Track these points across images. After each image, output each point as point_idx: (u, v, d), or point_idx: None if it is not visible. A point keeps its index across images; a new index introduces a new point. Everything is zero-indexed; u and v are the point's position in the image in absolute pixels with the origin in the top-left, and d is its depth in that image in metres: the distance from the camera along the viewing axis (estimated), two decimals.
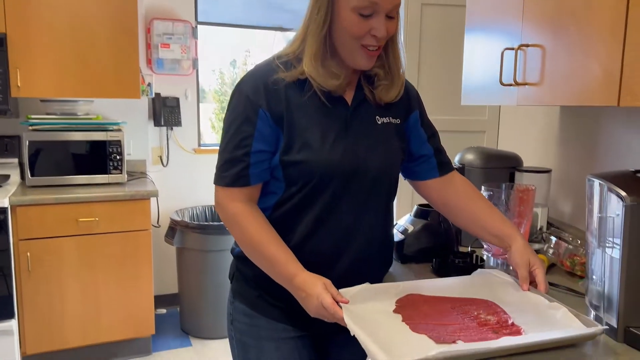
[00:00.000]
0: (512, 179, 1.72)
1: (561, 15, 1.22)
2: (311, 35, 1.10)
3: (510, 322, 1.04)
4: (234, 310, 1.25)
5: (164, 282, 3.50)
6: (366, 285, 1.16)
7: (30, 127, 2.74)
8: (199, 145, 3.52)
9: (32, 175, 2.72)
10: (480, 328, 1.02)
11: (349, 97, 1.17)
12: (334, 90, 1.12)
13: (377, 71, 1.17)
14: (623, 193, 1.00)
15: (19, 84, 2.64)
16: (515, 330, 1.01)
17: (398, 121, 1.23)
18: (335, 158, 1.11)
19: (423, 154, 1.29)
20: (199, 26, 3.42)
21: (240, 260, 1.23)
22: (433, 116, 2.41)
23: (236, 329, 1.25)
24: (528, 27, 1.36)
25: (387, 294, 1.17)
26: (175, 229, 3.05)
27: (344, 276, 1.16)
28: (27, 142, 2.69)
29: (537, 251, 1.60)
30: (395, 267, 1.49)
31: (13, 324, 2.51)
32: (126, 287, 2.75)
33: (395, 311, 1.10)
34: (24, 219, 2.51)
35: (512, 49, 1.37)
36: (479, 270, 1.33)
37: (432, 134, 1.31)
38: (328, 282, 1.06)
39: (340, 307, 1.04)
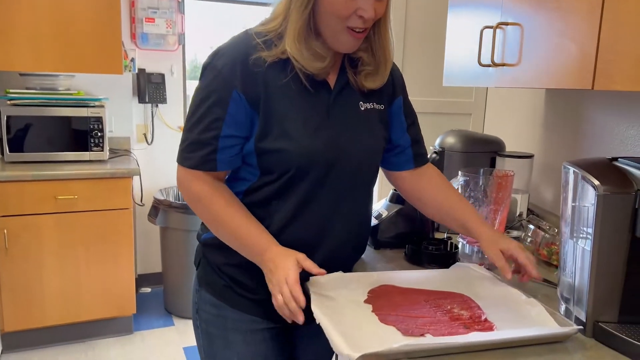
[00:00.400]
0: (493, 164, 1.67)
1: None
2: (294, 12, 1.01)
3: (483, 317, 1.01)
4: (199, 299, 1.20)
5: (149, 261, 3.47)
6: (338, 274, 1.13)
7: (8, 102, 2.67)
8: None
9: (10, 151, 2.66)
10: (451, 322, 0.98)
11: (331, 80, 1.10)
12: (317, 74, 1.05)
13: (362, 55, 1.09)
14: (596, 182, 0.95)
15: None
16: (488, 327, 0.98)
17: (382, 107, 1.17)
18: (315, 148, 1.05)
19: (400, 144, 1.24)
20: (187, 1, 3.32)
21: (208, 247, 1.18)
22: (418, 98, 2.36)
23: (202, 319, 1.20)
24: (508, 3, 1.29)
25: (360, 283, 1.14)
26: (158, 208, 3.01)
27: (319, 265, 1.11)
28: (5, 117, 2.62)
29: (516, 239, 1.56)
30: (368, 252, 1.45)
31: None
32: (107, 266, 2.72)
33: (366, 301, 1.07)
34: (1, 196, 2.46)
35: (491, 27, 1.30)
36: (457, 263, 1.30)
37: (413, 122, 1.25)
38: (302, 256, 1.02)
39: (309, 296, 1.00)
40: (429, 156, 1.70)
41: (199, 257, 1.23)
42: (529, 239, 1.46)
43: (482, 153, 1.66)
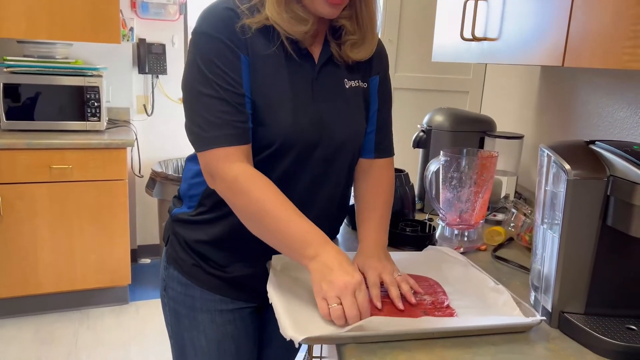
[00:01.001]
0: (482, 144, 1.61)
1: None
2: None
3: (445, 304, 0.97)
4: (167, 277, 1.18)
5: (149, 232, 3.48)
6: None
7: (5, 69, 2.66)
8: None
9: (6, 119, 2.66)
10: (411, 307, 0.95)
11: (315, 53, 1.04)
12: (301, 40, 1.00)
13: (344, 23, 1.02)
14: (567, 166, 0.89)
15: None
16: (448, 313, 0.94)
17: (365, 85, 1.11)
18: (300, 127, 1.00)
19: (367, 128, 1.15)
20: None
21: (179, 223, 1.14)
22: (414, 74, 2.29)
23: (169, 297, 1.18)
24: None
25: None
26: (155, 181, 3.00)
27: None
28: (2, 84, 2.61)
29: (499, 223, 1.51)
30: (345, 232, 1.41)
31: None
32: (101, 236, 2.73)
33: None
34: None
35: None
36: (430, 247, 1.26)
37: (384, 107, 1.17)
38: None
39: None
40: (415, 136, 1.65)
41: (167, 234, 1.20)
42: (511, 224, 1.40)
43: (471, 132, 1.59)
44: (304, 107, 1.01)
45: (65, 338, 2.58)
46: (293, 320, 0.85)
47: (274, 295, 0.94)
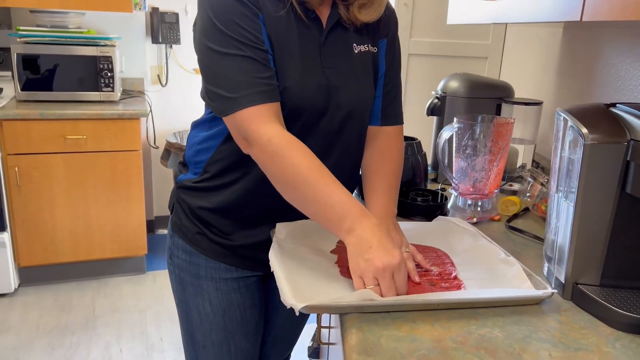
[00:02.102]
0: (499, 111, 1.55)
1: None
2: None
3: (453, 275, 0.94)
4: (172, 245, 1.17)
5: (165, 203, 3.50)
6: (307, 221, 1.07)
7: (19, 39, 2.65)
8: None
9: (22, 89, 2.66)
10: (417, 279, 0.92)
11: (324, 16, 1.00)
12: (310, 1, 0.96)
13: None
14: (584, 130, 0.84)
15: None
16: (455, 285, 0.91)
17: (375, 50, 1.07)
18: (306, 93, 0.96)
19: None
20: None
21: (184, 190, 1.12)
22: (430, 39, 2.21)
23: (175, 265, 1.17)
24: None
25: (329, 232, 1.07)
26: (170, 151, 3.00)
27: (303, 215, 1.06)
28: (16, 54, 2.61)
29: (514, 192, 1.46)
30: None
31: (5, 236, 2.55)
32: (117, 207, 2.75)
33: (333, 251, 1.02)
34: (11, 134, 2.48)
35: None
36: (440, 217, 1.22)
37: (390, 71, 1.11)
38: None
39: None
40: (429, 103, 1.60)
41: (172, 202, 1.19)
42: (527, 193, 1.35)
43: (487, 99, 1.53)
44: (311, 73, 0.97)
45: (83, 305, 2.63)
46: (294, 288, 0.83)
47: (276, 263, 0.92)
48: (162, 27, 3.15)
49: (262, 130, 0.89)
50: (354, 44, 1.03)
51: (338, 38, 1.01)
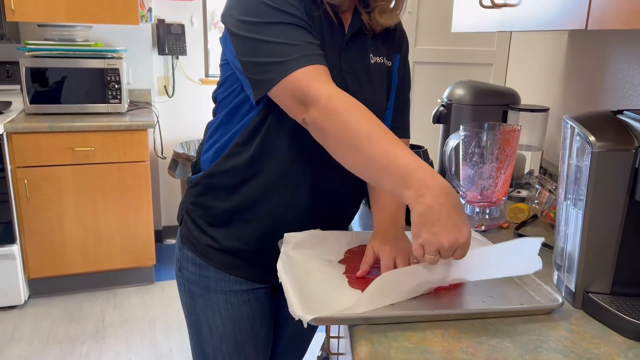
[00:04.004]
0: (506, 118, 1.55)
1: None
2: None
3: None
4: (182, 258, 1.17)
5: (173, 213, 3.52)
6: (315, 231, 1.07)
7: (27, 53, 2.68)
8: (206, 75, 3.40)
9: (30, 102, 2.69)
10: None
11: (346, 23, 1.03)
12: (340, 3, 0.99)
13: None
14: (591, 137, 0.84)
15: (12, 8, 2.57)
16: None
17: (390, 64, 1.10)
18: None
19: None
20: None
21: (196, 190, 1.11)
22: (435, 47, 2.21)
23: (184, 278, 1.17)
24: None
25: (338, 242, 1.08)
26: (177, 162, 3.01)
27: (318, 221, 1.07)
28: (24, 68, 2.64)
29: (523, 199, 1.45)
30: (362, 210, 1.38)
31: (15, 248, 2.57)
32: (125, 217, 2.76)
33: (341, 261, 1.01)
34: (20, 147, 2.50)
35: None
36: None
37: (402, 86, 1.14)
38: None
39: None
40: (435, 111, 1.60)
41: (181, 214, 1.19)
42: (535, 200, 1.35)
43: (493, 106, 1.53)
44: (331, 74, 0.98)
45: (92, 316, 2.64)
46: (302, 299, 0.83)
47: (284, 275, 0.92)
48: (168, 39, 3.17)
49: (322, 88, 0.85)
50: (371, 54, 1.06)
51: (357, 45, 1.04)
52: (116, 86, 2.76)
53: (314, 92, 0.85)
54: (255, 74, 0.91)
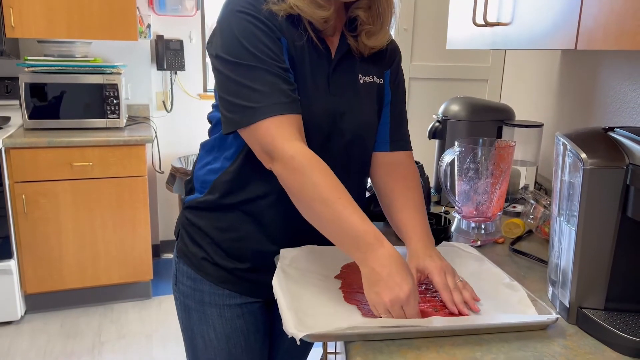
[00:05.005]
0: (500, 133, 1.56)
1: None
2: None
3: None
4: (177, 272, 1.18)
5: (171, 228, 3.51)
6: (312, 246, 1.08)
7: (27, 69, 2.70)
8: (205, 90, 3.43)
9: (29, 117, 2.70)
10: (422, 304, 0.92)
11: (333, 47, 1.04)
12: (324, 29, 0.99)
13: (359, 14, 1.01)
14: (583, 154, 0.85)
15: (12, 24, 2.59)
16: (458, 309, 0.91)
17: (381, 81, 1.10)
18: (315, 120, 0.99)
19: (380, 119, 1.14)
20: None
21: (192, 210, 1.13)
22: (430, 63, 2.23)
23: (180, 291, 1.18)
24: None
25: (334, 257, 1.08)
26: (175, 176, 3.02)
27: (313, 236, 1.06)
28: (24, 84, 2.66)
29: (518, 214, 1.46)
30: None
31: (12, 263, 2.57)
32: (123, 232, 2.76)
33: (337, 277, 1.02)
34: (18, 162, 2.51)
35: None
36: (444, 242, 1.22)
37: (397, 100, 1.14)
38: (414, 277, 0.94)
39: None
40: (430, 127, 1.61)
41: (178, 229, 1.20)
42: (530, 216, 1.36)
43: (488, 122, 1.54)
44: (319, 99, 1.01)
45: (89, 331, 2.63)
46: (296, 316, 0.84)
47: (279, 290, 0.92)
48: (167, 54, 3.20)
49: (286, 146, 0.89)
50: (360, 74, 1.06)
51: (345, 68, 1.04)
52: (115, 101, 2.78)
53: (277, 149, 0.89)
54: (226, 111, 0.94)
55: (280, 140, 0.89)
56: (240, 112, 0.91)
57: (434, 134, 1.61)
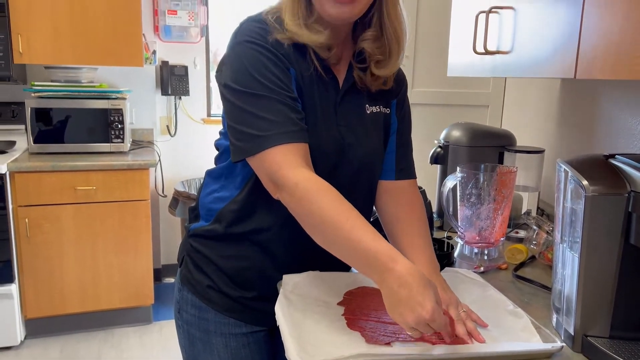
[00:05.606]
0: (502, 159, 1.57)
1: None
2: None
3: None
4: (181, 299, 1.17)
5: (173, 251, 3.50)
6: (314, 272, 1.08)
7: (33, 94, 2.74)
8: (208, 115, 3.46)
9: (34, 142, 2.73)
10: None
11: (341, 78, 1.05)
12: (327, 57, 1.00)
13: (366, 46, 1.01)
14: (584, 182, 0.85)
15: (20, 50, 2.64)
16: (462, 339, 0.90)
17: (388, 111, 1.11)
18: (322, 148, 1.00)
19: (387, 148, 1.15)
20: None
21: (198, 239, 1.13)
22: (432, 89, 2.26)
23: (183, 320, 1.17)
24: None
25: (336, 283, 1.08)
26: (178, 200, 3.03)
27: (315, 264, 1.07)
28: (30, 109, 2.69)
29: (521, 240, 1.46)
30: None
31: (13, 288, 2.56)
32: (125, 256, 2.76)
33: (340, 303, 1.01)
34: (22, 186, 2.52)
35: (485, 12, 1.21)
36: (446, 268, 1.22)
37: (403, 129, 1.16)
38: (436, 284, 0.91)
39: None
40: (432, 152, 1.62)
41: (182, 255, 1.19)
42: (533, 241, 1.36)
43: (489, 147, 1.55)
44: (327, 129, 1.01)
45: (89, 357, 2.60)
46: (298, 343, 0.83)
47: (282, 318, 0.92)
48: (171, 80, 3.24)
49: (290, 174, 0.88)
50: (367, 105, 1.07)
51: (352, 99, 1.05)
52: (119, 126, 2.81)
53: (283, 177, 0.88)
54: (235, 139, 0.95)
55: (286, 169, 0.89)
56: (249, 140, 0.92)
57: (435, 159, 1.62)
